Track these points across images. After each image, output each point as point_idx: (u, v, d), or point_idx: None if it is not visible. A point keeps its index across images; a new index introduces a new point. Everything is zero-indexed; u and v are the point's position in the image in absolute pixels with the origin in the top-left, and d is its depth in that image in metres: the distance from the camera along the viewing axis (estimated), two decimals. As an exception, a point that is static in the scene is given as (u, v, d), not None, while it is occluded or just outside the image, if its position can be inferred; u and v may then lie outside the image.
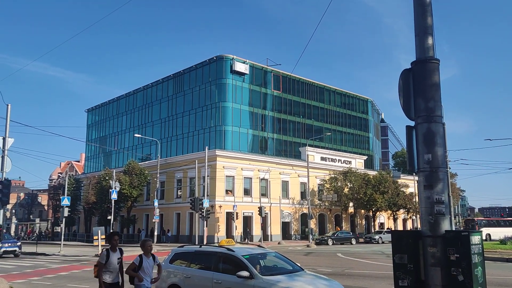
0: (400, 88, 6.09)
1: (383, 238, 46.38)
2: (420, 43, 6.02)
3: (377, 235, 47.77)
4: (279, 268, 9.72)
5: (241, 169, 48.62)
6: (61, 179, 71.83)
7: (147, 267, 8.24)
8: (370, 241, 46.55)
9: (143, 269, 8.19)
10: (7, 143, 15.00)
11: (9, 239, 32.29)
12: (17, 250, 30.76)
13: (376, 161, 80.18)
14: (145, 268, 8.21)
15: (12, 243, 31.11)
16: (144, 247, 8.42)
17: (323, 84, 69.90)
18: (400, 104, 6.16)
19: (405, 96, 6.03)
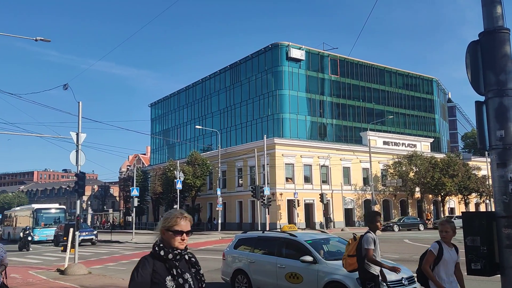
0: (468, 62, 5.72)
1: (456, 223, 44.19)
2: (487, 13, 5.60)
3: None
4: (342, 253, 9.59)
5: (301, 157, 48.42)
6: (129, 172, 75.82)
7: (449, 260, 5.39)
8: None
9: (445, 264, 5.38)
10: (80, 138, 16.05)
11: (86, 228, 34.65)
12: (93, 238, 32.84)
13: (444, 143, 76.30)
14: (448, 261, 5.39)
15: (89, 232, 33.29)
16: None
17: (384, 65, 67.45)
18: (468, 80, 5.81)
19: (473, 70, 5.66)
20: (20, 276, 14.35)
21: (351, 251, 6.73)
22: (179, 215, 2.90)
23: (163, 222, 2.90)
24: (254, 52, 59.77)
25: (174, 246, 2.83)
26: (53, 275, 14.55)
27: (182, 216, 2.91)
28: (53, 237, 34.42)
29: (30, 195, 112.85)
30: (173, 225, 2.84)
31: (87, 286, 11.83)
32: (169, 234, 2.84)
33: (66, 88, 16.94)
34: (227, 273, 10.82)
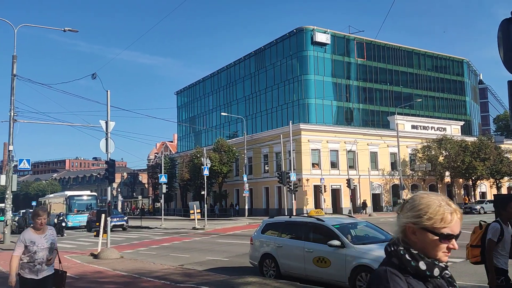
0: (500, 40, 5.51)
1: (485, 208, 43.18)
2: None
3: (478, 205, 44.50)
4: (371, 237, 9.59)
5: (327, 142, 48.06)
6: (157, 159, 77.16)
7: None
8: (471, 211, 43.47)
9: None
10: (109, 126, 16.42)
11: (117, 214, 35.64)
12: (124, 224, 33.74)
13: (475, 126, 74.07)
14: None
15: (120, 218, 34.19)
16: None
17: (411, 47, 65.65)
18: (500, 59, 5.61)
19: (506, 48, 5.45)
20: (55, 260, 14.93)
21: (475, 240, 5.87)
22: (450, 209, 1.71)
23: (416, 214, 1.70)
24: (279, 37, 59.23)
25: (435, 257, 1.70)
26: (87, 259, 15.08)
27: (455, 211, 1.72)
28: (86, 223, 35.58)
29: (63, 183, 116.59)
30: (443, 224, 1.68)
31: (119, 270, 12.20)
32: (429, 237, 1.68)
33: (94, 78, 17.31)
34: (255, 257, 10.95)
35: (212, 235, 24.89)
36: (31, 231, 5.59)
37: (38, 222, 5.54)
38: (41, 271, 5.54)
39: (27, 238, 5.50)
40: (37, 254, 5.48)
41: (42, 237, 5.56)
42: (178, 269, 12.24)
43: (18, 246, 5.48)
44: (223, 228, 30.34)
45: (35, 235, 5.54)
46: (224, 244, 19.83)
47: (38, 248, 5.48)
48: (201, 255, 15.90)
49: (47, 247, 5.57)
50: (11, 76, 21.61)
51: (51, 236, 5.69)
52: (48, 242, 5.60)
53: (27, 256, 5.46)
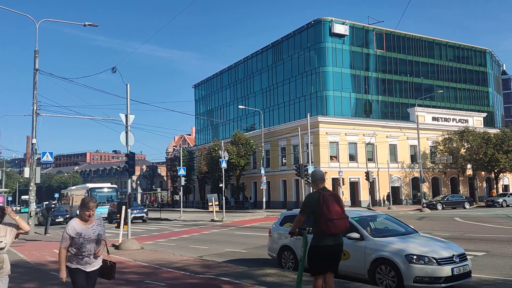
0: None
1: (508, 201, 42.25)
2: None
3: (500, 198, 43.54)
4: (390, 230, 9.48)
5: (345, 134, 47.67)
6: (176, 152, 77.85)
7: None
8: (493, 205, 42.60)
9: None
10: (129, 119, 16.59)
11: (137, 206, 36.22)
12: (144, 216, 34.22)
13: (498, 118, 72.36)
14: None
15: (140, 210, 34.73)
16: None
17: (432, 37, 64.32)
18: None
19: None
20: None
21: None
22: None
23: None
24: (297, 29, 58.77)
25: None
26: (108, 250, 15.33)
27: None
28: (107, 214, 36.19)
29: (84, 175, 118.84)
30: None
31: (140, 261, 12.39)
32: None
33: (114, 71, 17.50)
34: (274, 249, 10.96)
35: (230, 227, 25.05)
36: (77, 221, 5.24)
37: (86, 214, 5.19)
38: (89, 263, 5.27)
39: (73, 230, 5.16)
40: (84, 246, 5.17)
41: (89, 228, 5.23)
42: (197, 260, 12.36)
43: (65, 238, 5.14)
44: (241, 221, 30.48)
45: (81, 226, 5.20)
46: (242, 236, 19.94)
47: (85, 240, 5.16)
48: (219, 247, 16.02)
49: (94, 238, 5.23)
50: (34, 71, 22.01)
51: (99, 226, 5.34)
52: (95, 233, 5.24)
53: (74, 249, 5.18)
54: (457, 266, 7.88)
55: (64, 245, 5.15)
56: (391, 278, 8.08)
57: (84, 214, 5.21)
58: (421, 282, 7.76)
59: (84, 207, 5.22)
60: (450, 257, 7.96)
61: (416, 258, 7.84)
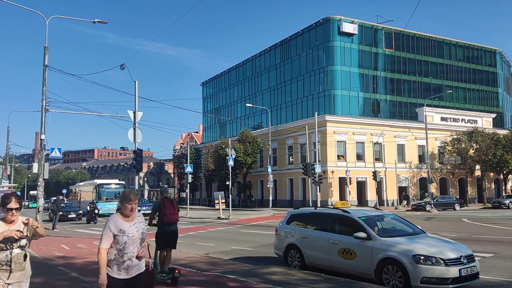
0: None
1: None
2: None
3: (507, 200, 42.98)
4: (397, 230, 9.44)
5: (353, 134, 47.48)
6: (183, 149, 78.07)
7: None
8: (499, 206, 41.94)
9: None
10: (137, 116, 16.66)
11: (145, 203, 36.12)
12: None
13: (507, 118, 71.63)
14: None
15: (148, 206, 34.03)
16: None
17: (442, 37, 63.81)
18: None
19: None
20: (85, 246, 15.38)
21: None
22: None
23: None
24: (305, 28, 58.59)
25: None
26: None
27: None
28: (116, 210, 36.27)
29: (92, 172, 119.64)
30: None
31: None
32: None
33: (123, 68, 17.56)
34: (280, 247, 10.96)
35: (236, 225, 25.08)
36: (119, 217, 4.55)
37: (128, 207, 4.50)
38: (131, 267, 4.48)
39: (115, 226, 4.45)
40: (127, 246, 4.43)
41: (132, 226, 4.51)
42: (204, 258, 12.38)
43: (106, 236, 4.43)
44: (247, 219, 30.50)
45: (123, 223, 4.49)
46: (249, 234, 19.95)
47: (129, 239, 4.43)
48: (225, 245, 16.04)
49: (138, 237, 4.50)
50: (43, 67, 22.14)
51: (141, 224, 4.62)
52: (139, 231, 4.53)
53: (115, 249, 4.44)
54: (464, 267, 7.83)
55: (105, 245, 4.42)
56: (398, 279, 8.04)
57: (126, 208, 4.51)
58: (428, 283, 7.72)
59: (125, 199, 4.55)
60: (458, 258, 7.90)
61: (424, 258, 7.80)
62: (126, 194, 4.58)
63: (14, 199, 4.12)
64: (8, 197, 4.14)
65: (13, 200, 4.11)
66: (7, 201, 4.11)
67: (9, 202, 4.10)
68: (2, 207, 4.14)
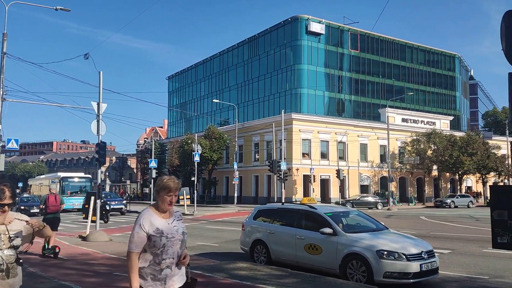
0: (503, 31, 5.50)
1: (456, 203, 43.35)
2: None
3: (449, 199, 44.38)
4: (362, 226, 9.66)
5: (318, 132, 48.19)
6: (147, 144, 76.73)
7: None
8: (441, 205, 43.15)
9: None
10: (101, 108, 16.20)
11: (115, 198, 33.69)
12: (123, 208, 31.78)
13: (464, 121, 74.86)
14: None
15: (119, 201, 32.35)
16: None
17: (405, 41, 65.81)
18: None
19: (508, 40, 5.45)
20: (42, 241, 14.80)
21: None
22: None
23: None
24: (273, 26, 58.83)
25: None
26: (75, 241, 14.96)
27: None
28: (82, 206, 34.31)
29: (50, 165, 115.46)
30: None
31: (109, 252, 12.14)
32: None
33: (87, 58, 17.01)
34: (246, 243, 10.97)
35: (201, 221, 24.92)
36: (154, 212, 3.47)
37: (167, 200, 3.44)
38: (170, 277, 3.43)
39: (151, 224, 3.38)
40: (166, 250, 3.39)
41: (170, 224, 3.49)
42: (168, 253, 12.20)
43: (138, 237, 3.33)
44: (212, 215, 30.37)
45: (161, 221, 3.44)
46: (214, 230, 19.86)
47: (168, 241, 3.39)
48: (190, 240, 15.89)
49: (179, 238, 3.48)
50: (1, 54, 21.13)
51: (180, 221, 3.61)
52: (179, 231, 3.51)
53: (150, 254, 3.38)
54: (425, 262, 8.10)
55: (137, 248, 3.34)
56: (361, 273, 8.23)
57: (164, 200, 3.45)
58: (391, 277, 7.94)
59: (163, 189, 3.46)
60: (419, 254, 8.17)
61: (387, 253, 8.01)
62: (165, 182, 3.48)
63: (9, 192, 3.26)
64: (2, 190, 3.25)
65: (7, 193, 3.25)
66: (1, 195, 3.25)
67: (3, 198, 3.25)
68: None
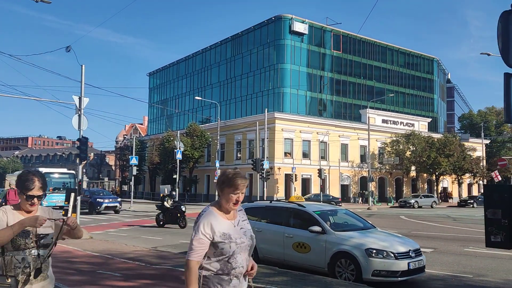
0: (499, 31, 5.55)
1: (420, 203, 44.08)
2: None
3: (413, 199, 45.02)
4: (350, 225, 9.68)
5: (300, 132, 48.39)
6: (126, 141, 75.64)
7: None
8: (405, 205, 43.74)
9: None
10: (83, 102, 15.82)
11: (109, 195, 31.37)
12: (117, 206, 29.36)
13: (441, 123, 76.46)
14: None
15: (113, 199, 30.12)
16: None
17: (386, 43, 66.69)
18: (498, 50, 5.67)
19: (504, 40, 5.50)
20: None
21: None
22: None
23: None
24: (257, 24, 58.76)
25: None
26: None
27: None
28: None
29: (25, 161, 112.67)
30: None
31: (90, 250, 11.86)
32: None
33: (68, 50, 16.60)
34: (233, 241, 10.84)
35: (183, 219, 24.62)
36: (217, 213, 2.89)
37: (233, 199, 2.86)
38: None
39: (216, 228, 2.82)
40: (235, 258, 2.84)
41: (237, 226, 2.94)
42: (152, 251, 12.02)
43: (199, 242, 2.77)
44: (194, 213, 30.03)
45: (226, 223, 2.89)
46: (196, 228, 19.62)
47: (238, 247, 2.85)
48: (174, 238, 15.70)
49: (248, 244, 2.94)
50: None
51: (245, 222, 3.04)
52: (247, 234, 2.96)
53: (217, 262, 2.82)
54: (412, 260, 8.16)
55: (197, 257, 2.77)
56: (350, 272, 8.23)
57: (229, 200, 2.87)
58: (379, 276, 7.97)
59: (228, 186, 2.86)
60: (407, 252, 8.22)
61: (376, 252, 8.03)
62: (231, 178, 2.87)
63: (38, 183, 2.92)
64: (31, 179, 2.91)
65: (36, 183, 2.91)
66: (30, 185, 2.89)
67: (32, 188, 2.90)
68: (21, 192, 2.92)
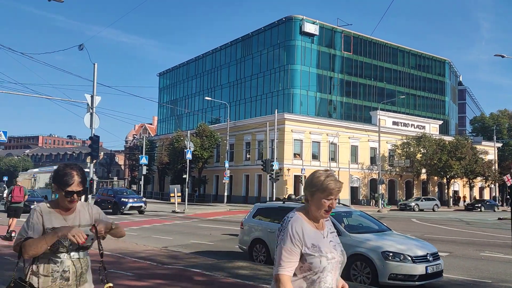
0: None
1: (421, 206, 43.39)
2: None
3: (413, 202, 44.44)
4: (365, 227, 9.50)
5: (309, 133, 48.16)
6: (136, 140, 75.96)
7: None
8: (405, 208, 43.10)
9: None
10: (95, 101, 15.83)
11: (133, 195, 29.85)
12: (142, 206, 28.09)
13: (452, 126, 75.66)
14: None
15: (138, 199, 28.61)
16: None
17: (397, 44, 66.19)
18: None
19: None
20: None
21: None
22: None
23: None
24: (267, 25, 58.66)
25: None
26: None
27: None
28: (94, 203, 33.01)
29: (35, 160, 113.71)
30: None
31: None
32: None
33: (81, 49, 16.62)
34: (245, 241, 10.74)
35: (193, 219, 24.61)
36: (305, 221, 2.36)
37: (325, 205, 2.34)
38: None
39: (306, 238, 2.30)
40: (326, 276, 2.32)
41: (326, 238, 2.40)
42: (163, 251, 11.94)
43: (289, 253, 2.27)
44: (203, 213, 30.07)
45: (316, 233, 2.36)
46: (206, 228, 19.58)
47: (329, 264, 2.32)
48: (184, 238, 15.62)
49: (339, 260, 2.40)
50: (-9, 43, 20.56)
51: (333, 233, 2.49)
52: (337, 248, 2.42)
53: (302, 279, 2.31)
54: (430, 264, 7.97)
55: (289, 270, 2.26)
56: (365, 275, 8.06)
57: (322, 206, 2.35)
58: (396, 279, 7.79)
59: (321, 190, 2.34)
60: (425, 256, 8.03)
61: (392, 255, 7.86)
62: (323, 181, 2.34)
63: (78, 177, 2.66)
64: (70, 173, 2.65)
65: (75, 178, 2.65)
66: (69, 180, 2.64)
67: (72, 183, 2.64)
68: (59, 187, 2.67)
